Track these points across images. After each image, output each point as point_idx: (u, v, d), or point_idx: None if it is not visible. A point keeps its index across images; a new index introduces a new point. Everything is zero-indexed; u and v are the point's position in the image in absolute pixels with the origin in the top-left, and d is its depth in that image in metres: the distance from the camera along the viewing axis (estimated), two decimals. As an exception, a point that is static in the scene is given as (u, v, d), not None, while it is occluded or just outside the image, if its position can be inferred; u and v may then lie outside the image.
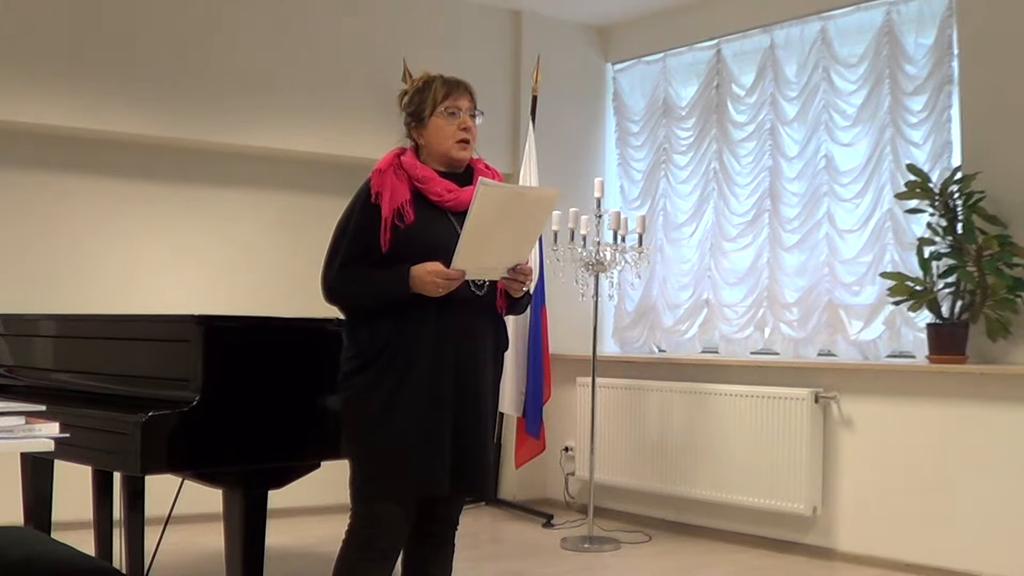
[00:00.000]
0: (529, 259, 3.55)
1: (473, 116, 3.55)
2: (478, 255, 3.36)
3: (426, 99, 3.52)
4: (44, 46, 6.11)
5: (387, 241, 3.39)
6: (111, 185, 6.63)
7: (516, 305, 3.60)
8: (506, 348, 3.69)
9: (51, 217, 6.46)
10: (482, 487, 3.57)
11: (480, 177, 3.38)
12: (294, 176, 7.18)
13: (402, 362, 3.38)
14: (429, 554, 3.64)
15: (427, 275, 3.34)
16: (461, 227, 3.33)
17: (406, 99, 3.58)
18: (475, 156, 3.63)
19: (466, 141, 3.52)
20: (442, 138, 3.50)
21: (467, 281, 3.41)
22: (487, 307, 3.54)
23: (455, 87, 3.54)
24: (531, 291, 3.64)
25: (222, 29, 6.65)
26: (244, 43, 6.71)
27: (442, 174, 3.51)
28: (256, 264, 7.03)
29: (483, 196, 3.27)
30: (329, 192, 5.78)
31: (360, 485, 3.44)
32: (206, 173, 6.90)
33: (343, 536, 3.48)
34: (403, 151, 3.55)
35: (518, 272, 3.46)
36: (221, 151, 6.85)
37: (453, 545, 3.70)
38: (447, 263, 3.33)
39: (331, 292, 3.47)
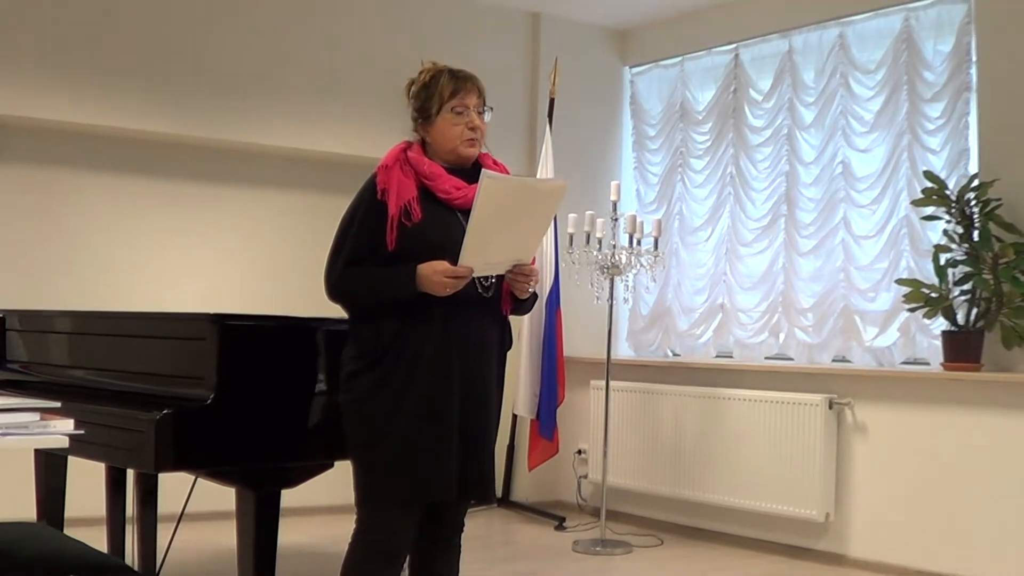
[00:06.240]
0: (535, 259, 3.48)
1: (481, 113, 3.44)
2: (485, 251, 3.26)
3: (432, 95, 3.41)
4: (61, 42, 6.14)
5: (393, 240, 3.30)
6: (125, 182, 6.65)
7: (521, 306, 3.53)
8: (509, 348, 3.61)
9: (66, 213, 6.49)
10: (485, 492, 3.50)
11: (483, 169, 3.25)
12: (309, 175, 7.19)
13: (406, 363, 3.31)
14: (436, 557, 3.60)
15: (434, 275, 3.24)
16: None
17: (413, 91, 3.48)
18: (484, 151, 3.53)
19: (473, 140, 3.43)
20: (449, 137, 3.41)
21: (474, 281, 3.33)
22: (493, 308, 3.46)
23: (463, 84, 3.42)
24: (537, 292, 3.59)
25: (239, 28, 6.68)
26: (260, 42, 6.73)
27: (449, 170, 3.42)
28: (270, 262, 7.05)
29: (487, 189, 3.17)
30: (344, 191, 5.66)
31: (364, 489, 3.39)
32: (220, 171, 6.92)
33: (350, 538, 3.46)
34: (409, 145, 3.46)
35: (519, 272, 3.38)
36: (235, 149, 6.87)
37: (459, 547, 3.66)
38: (454, 262, 3.24)
39: (334, 291, 3.40)
